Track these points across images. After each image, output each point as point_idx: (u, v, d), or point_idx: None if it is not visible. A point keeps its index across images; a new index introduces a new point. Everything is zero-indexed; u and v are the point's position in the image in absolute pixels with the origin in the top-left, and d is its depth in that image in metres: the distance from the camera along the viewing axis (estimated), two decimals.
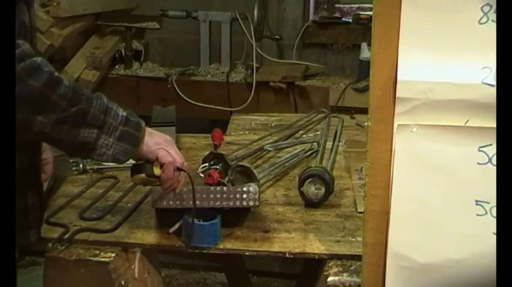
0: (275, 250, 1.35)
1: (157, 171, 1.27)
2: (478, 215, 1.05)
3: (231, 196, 1.37)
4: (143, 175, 1.28)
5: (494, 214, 1.03)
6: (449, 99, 1.02)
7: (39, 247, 1.33)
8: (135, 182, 1.34)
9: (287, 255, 1.34)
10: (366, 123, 1.08)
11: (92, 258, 1.31)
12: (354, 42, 3.13)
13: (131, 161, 1.29)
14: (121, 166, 1.63)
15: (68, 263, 1.31)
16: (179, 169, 1.29)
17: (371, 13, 1.03)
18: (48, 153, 1.44)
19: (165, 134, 1.31)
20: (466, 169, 1.04)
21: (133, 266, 1.36)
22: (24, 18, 1.19)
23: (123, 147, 1.20)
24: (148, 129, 1.26)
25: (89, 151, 1.19)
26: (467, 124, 1.03)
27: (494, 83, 1.00)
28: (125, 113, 1.22)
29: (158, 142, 1.27)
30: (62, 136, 1.14)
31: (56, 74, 1.13)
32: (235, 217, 1.43)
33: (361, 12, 2.91)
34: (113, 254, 1.32)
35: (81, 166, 1.74)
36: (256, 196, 1.38)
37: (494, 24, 0.98)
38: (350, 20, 3.02)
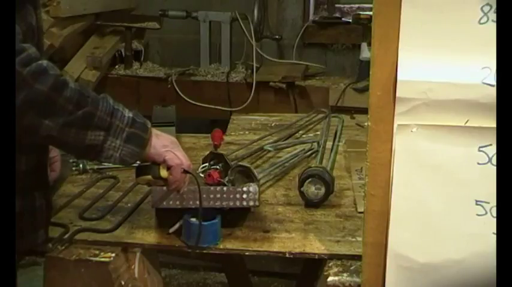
0: (275, 250, 1.35)
1: (164, 173, 1.27)
2: (478, 215, 1.05)
3: (231, 196, 1.37)
4: (149, 177, 1.28)
5: (494, 214, 1.04)
6: (449, 99, 1.02)
7: (43, 248, 1.33)
8: (140, 183, 1.34)
9: (287, 255, 1.34)
10: (366, 123, 1.08)
11: (92, 258, 1.31)
12: (354, 42, 3.12)
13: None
14: (121, 166, 1.63)
15: (68, 263, 1.31)
16: (186, 172, 1.29)
17: (371, 13, 1.03)
18: (55, 151, 1.44)
19: (170, 135, 1.31)
20: (466, 169, 1.04)
21: (133, 266, 1.36)
22: (32, 20, 1.19)
23: (130, 149, 1.20)
24: (154, 131, 1.26)
25: (97, 154, 1.18)
26: (467, 124, 1.03)
27: (494, 83, 1.00)
28: (131, 114, 1.21)
29: (165, 144, 1.27)
30: (69, 139, 1.14)
31: (62, 76, 1.12)
32: (235, 217, 1.43)
33: (361, 12, 2.89)
34: (113, 254, 1.32)
35: (81, 166, 1.74)
36: (256, 196, 1.38)
37: (494, 24, 0.98)
38: (350, 20, 3.02)
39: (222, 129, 1.83)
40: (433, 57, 1.01)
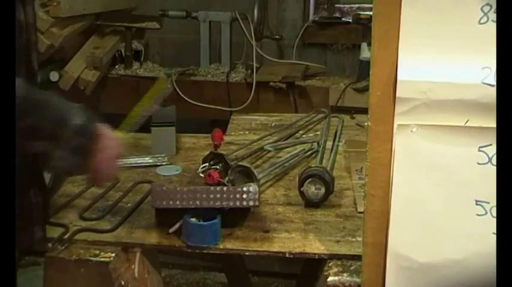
0: (275, 250, 1.35)
1: None
2: (478, 215, 1.05)
3: (231, 196, 1.37)
4: None
5: (494, 214, 1.04)
6: (449, 99, 1.02)
7: (40, 246, 1.33)
8: None
9: (287, 255, 1.34)
10: (366, 123, 1.08)
11: (92, 258, 1.31)
12: (354, 42, 3.13)
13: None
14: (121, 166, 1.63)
15: (68, 263, 1.31)
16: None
17: (371, 13, 1.03)
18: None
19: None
20: (466, 169, 1.04)
21: (133, 266, 1.36)
22: (20, 16, 1.18)
23: (77, 159, 1.18)
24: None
25: (44, 163, 1.17)
26: (467, 124, 1.03)
27: (494, 83, 1.00)
28: (79, 122, 1.17)
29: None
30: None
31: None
32: (235, 217, 1.43)
33: (361, 12, 2.91)
34: (113, 254, 1.32)
35: None
36: (256, 196, 1.37)
37: (494, 24, 0.98)
38: (350, 20, 3.02)
39: (222, 129, 1.83)
40: (433, 57, 1.01)
